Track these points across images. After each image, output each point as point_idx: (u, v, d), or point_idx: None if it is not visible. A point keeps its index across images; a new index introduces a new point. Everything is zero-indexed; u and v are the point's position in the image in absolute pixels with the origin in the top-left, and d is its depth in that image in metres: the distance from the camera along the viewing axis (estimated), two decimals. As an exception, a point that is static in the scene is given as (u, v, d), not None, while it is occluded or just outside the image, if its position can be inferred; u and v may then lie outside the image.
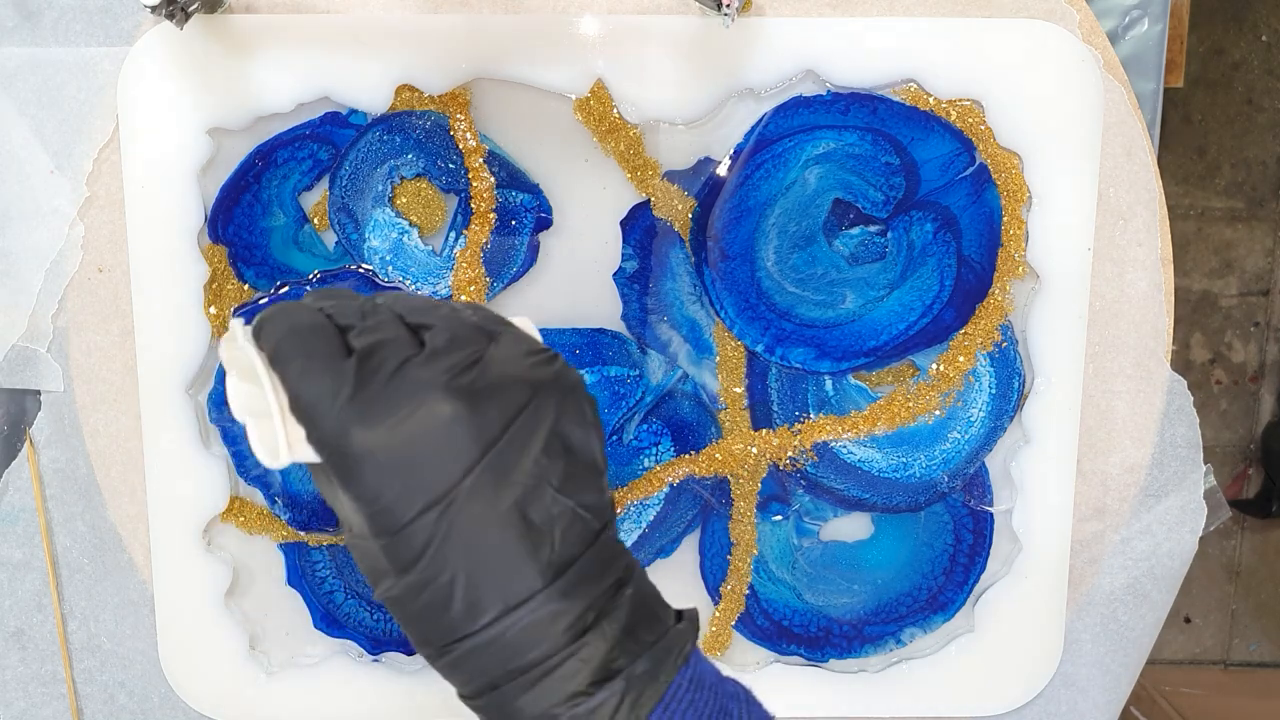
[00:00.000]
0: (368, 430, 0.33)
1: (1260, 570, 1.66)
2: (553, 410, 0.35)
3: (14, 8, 0.60)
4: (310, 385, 0.34)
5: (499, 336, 0.36)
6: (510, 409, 0.34)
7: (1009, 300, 0.62)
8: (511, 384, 0.34)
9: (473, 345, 0.35)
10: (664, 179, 0.61)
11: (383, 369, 0.34)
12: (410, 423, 0.33)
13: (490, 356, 0.35)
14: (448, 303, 0.37)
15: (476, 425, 0.33)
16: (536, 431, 0.34)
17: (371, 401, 0.33)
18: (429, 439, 0.33)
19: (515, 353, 0.35)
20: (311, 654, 0.65)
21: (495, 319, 0.37)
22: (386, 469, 0.33)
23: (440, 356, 0.34)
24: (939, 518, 0.64)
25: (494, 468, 0.33)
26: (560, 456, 0.35)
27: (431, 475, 0.33)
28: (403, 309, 0.37)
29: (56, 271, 0.61)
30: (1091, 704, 0.67)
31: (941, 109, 0.60)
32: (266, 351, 0.35)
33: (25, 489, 0.63)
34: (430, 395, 0.33)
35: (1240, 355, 1.62)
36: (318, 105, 0.60)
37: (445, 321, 0.36)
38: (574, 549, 0.34)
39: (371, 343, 0.34)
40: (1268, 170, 1.59)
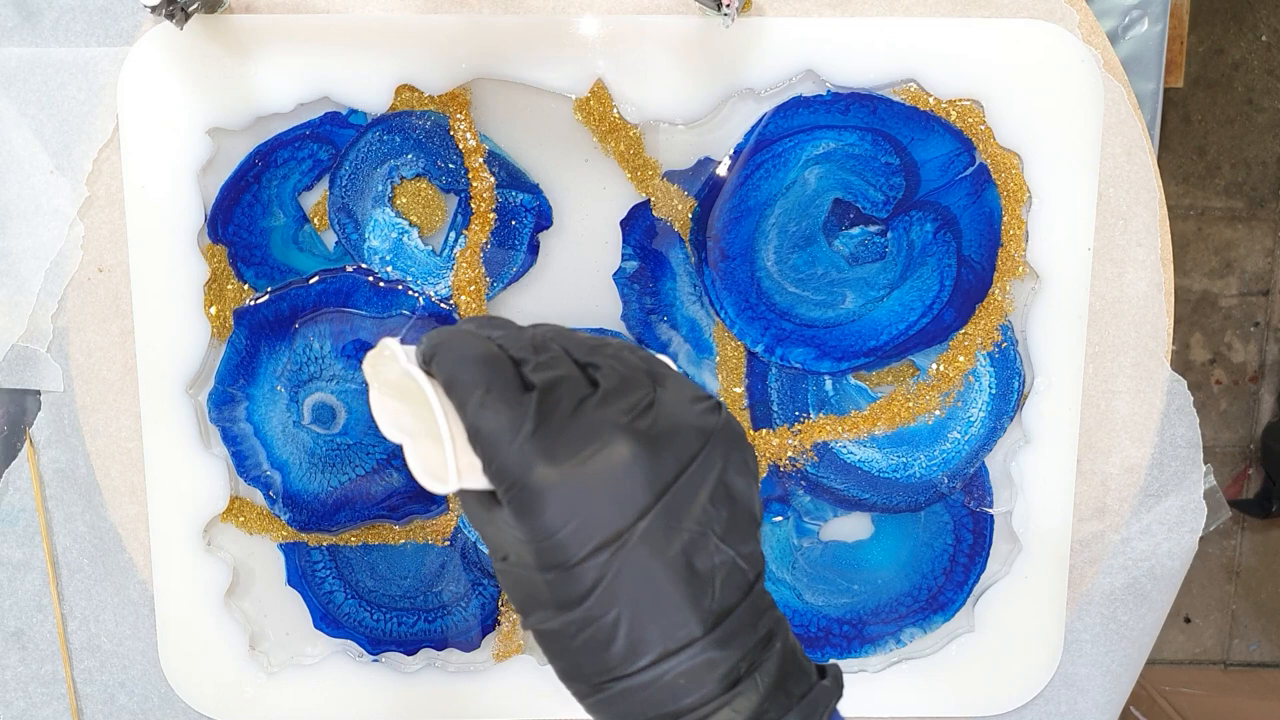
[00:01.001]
0: (550, 467, 0.34)
1: (1260, 570, 1.66)
2: (720, 459, 0.36)
3: (14, 8, 0.60)
4: (491, 417, 0.34)
5: (664, 380, 0.37)
6: (684, 456, 0.35)
7: (1009, 300, 0.62)
8: (685, 431, 0.35)
9: (643, 388, 0.36)
10: (664, 179, 0.61)
11: (561, 406, 0.35)
12: (592, 462, 0.34)
13: (661, 400, 0.36)
14: (611, 341, 0.38)
15: (653, 469, 0.34)
16: (706, 479, 0.35)
17: (554, 438, 0.34)
18: (608, 479, 0.34)
19: (684, 398, 0.36)
20: (311, 654, 0.65)
21: (654, 360, 0.38)
22: (566, 506, 0.34)
23: (616, 397, 0.35)
24: (939, 518, 0.64)
25: (666, 513, 0.34)
26: (724, 505, 0.36)
27: (607, 515, 0.34)
28: (569, 345, 0.37)
29: (56, 271, 0.61)
30: (1091, 704, 0.67)
31: (941, 109, 0.60)
32: (440, 379, 0.36)
33: (25, 489, 0.63)
34: (611, 436, 0.34)
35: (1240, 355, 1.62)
36: (318, 105, 0.60)
37: (613, 362, 0.36)
38: (732, 598, 0.35)
39: (551, 379, 0.35)
40: (1268, 170, 1.59)
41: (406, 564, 0.64)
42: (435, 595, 0.64)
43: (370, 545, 0.64)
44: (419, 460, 0.36)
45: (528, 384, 0.35)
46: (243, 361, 0.61)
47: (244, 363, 0.61)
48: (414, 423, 0.37)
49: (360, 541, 0.64)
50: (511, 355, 0.36)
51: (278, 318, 0.61)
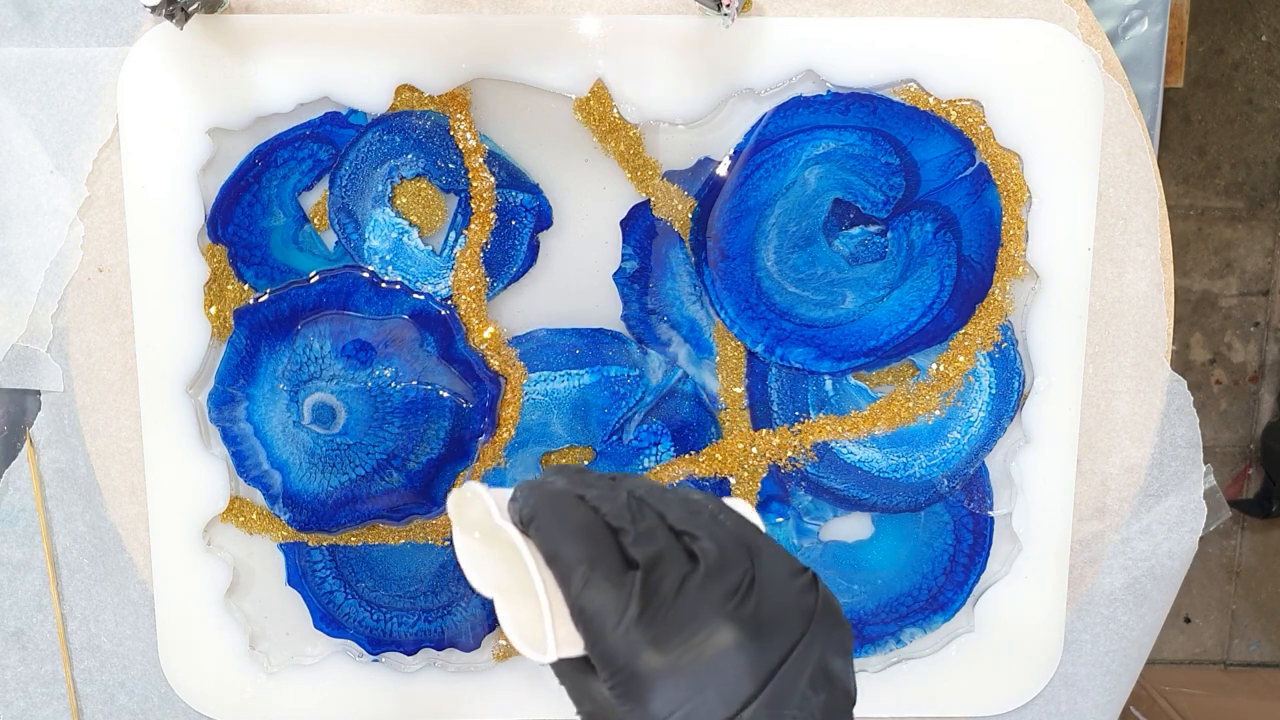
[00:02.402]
0: (657, 654, 0.34)
1: (1260, 570, 1.66)
2: (820, 642, 0.36)
3: (14, 8, 0.60)
4: (597, 597, 0.35)
5: (759, 552, 0.37)
6: (788, 642, 0.35)
7: (1009, 300, 0.62)
8: (787, 614, 0.36)
9: (743, 564, 0.36)
10: (664, 179, 0.61)
11: (665, 586, 0.35)
12: (700, 650, 0.34)
13: (761, 580, 0.36)
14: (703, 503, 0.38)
15: (758, 657, 0.34)
16: (807, 664, 0.35)
17: (659, 624, 0.34)
18: (714, 668, 0.34)
19: (782, 574, 0.37)
20: (311, 654, 0.65)
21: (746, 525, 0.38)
22: (673, 694, 0.34)
23: (718, 576, 0.35)
24: (939, 518, 0.64)
25: (770, 701, 0.34)
26: (824, 689, 0.36)
27: (715, 704, 0.34)
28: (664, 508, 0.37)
29: (56, 271, 0.61)
30: (1091, 704, 0.67)
31: (941, 109, 0.60)
32: (541, 549, 0.36)
33: (25, 489, 0.63)
34: (717, 623, 0.34)
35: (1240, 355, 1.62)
36: (318, 105, 0.60)
37: (708, 531, 0.36)
38: None
39: (653, 555, 0.35)
40: (1268, 170, 1.59)
41: (406, 564, 0.64)
42: (435, 595, 0.64)
43: (370, 545, 0.64)
44: (513, 621, 0.36)
45: (628, 558, 0.35)
46: (243, 361, 0.61)
47: (244, 363, 0.61)
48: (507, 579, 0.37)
49: (360, 541, 0.64)
50: (609, 523, 0.36)
51: (278, 318, 0.61)
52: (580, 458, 0.63)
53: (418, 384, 0.62)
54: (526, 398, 0.62)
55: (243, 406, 0.62)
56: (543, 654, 0.35)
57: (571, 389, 0.62)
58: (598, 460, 0.63)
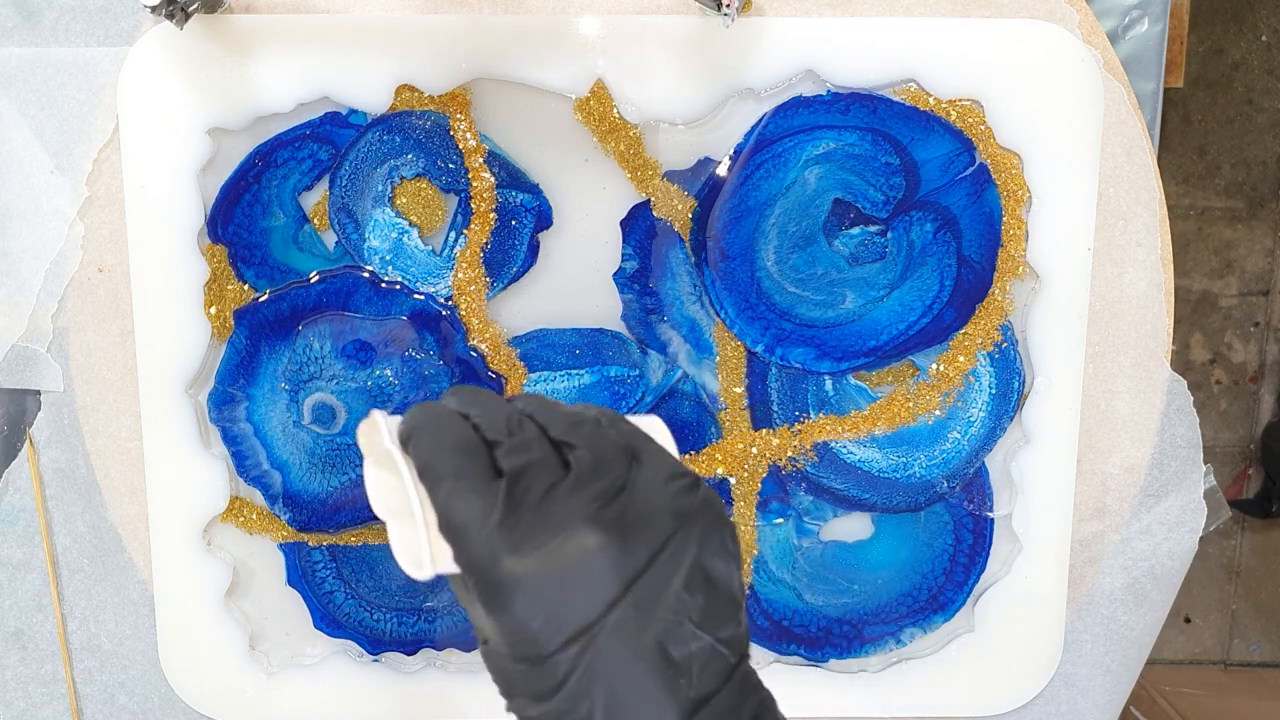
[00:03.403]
0: (517, 559, 0.34)
1: (1260, 570, 1.66)
2: (695, 543, 0.35)
3: (14, 8, 0.60)
4: (460, 507, 0.34)
5: (641, 457, 0.36)
6: (655, 542, 0.34)
7: (1009, 300, 0.62)
8: (657, 515, 0.35)
9: (618, 469, 0.35)
10: (664, 179, 0.61)
11: (530, 494, 0.34)
12: (560, 554, 0.33)
13: (635, 482, 0.35)
14: (590, 416, 0.38)
15: (622, 559, 0.34)
16: (680, 565, 0.35)
17: (521, 529, 0.34)
18: (576, 571, 0.33)
19: (659, 478, 0.36)
20: (311, 654, 0.65)
21: (636, 434, 0.38)
22: (535, 599, 0.33)
23: (587, 483, 0.35)
24: (939, 518, 0.64)
25: (637, 603, 0.34)
26: (701, 590, 0.35)
27: (577, 608, 0.33)
28: (546, 421, 0.37)
29: (56, 271, 0.61)
30: (1091, 704, 0.67)
31: (941, 109, 0.60)
32: (416, 464, 0.36)
33: (25, 489, 0.63)
34: (578, 527, 0.34)
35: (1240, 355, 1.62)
36: (318, 105, 0.60)
37: (589, 441, 0.36)
38: (711, 684, 0.34)
39: (520, 465, 0.35)
40: (1268, 170, 1.59)
41: (406, 564, 0.64)
42: (436, 595, 0.64)
43: (370, 545, 0.64)
44: (398, 541, 0.36)
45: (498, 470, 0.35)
46: (243, 361, 0.61)
47: (244, 363, 0.61)
48: (397, 501, 0.36)
49: (360, 541, 0.64)
50: (486, 437, 0.36)
51: (278, 318, 0.61)
52: (580, 458, 0.63)
53: (417, 384, 0.62)
54: (526, 398, 0.62)
55: (243, 406, 0.62)
56: (419, 569, 0.35)
57: (571, 389, 0.62)
58: (598, 460, 0.63)
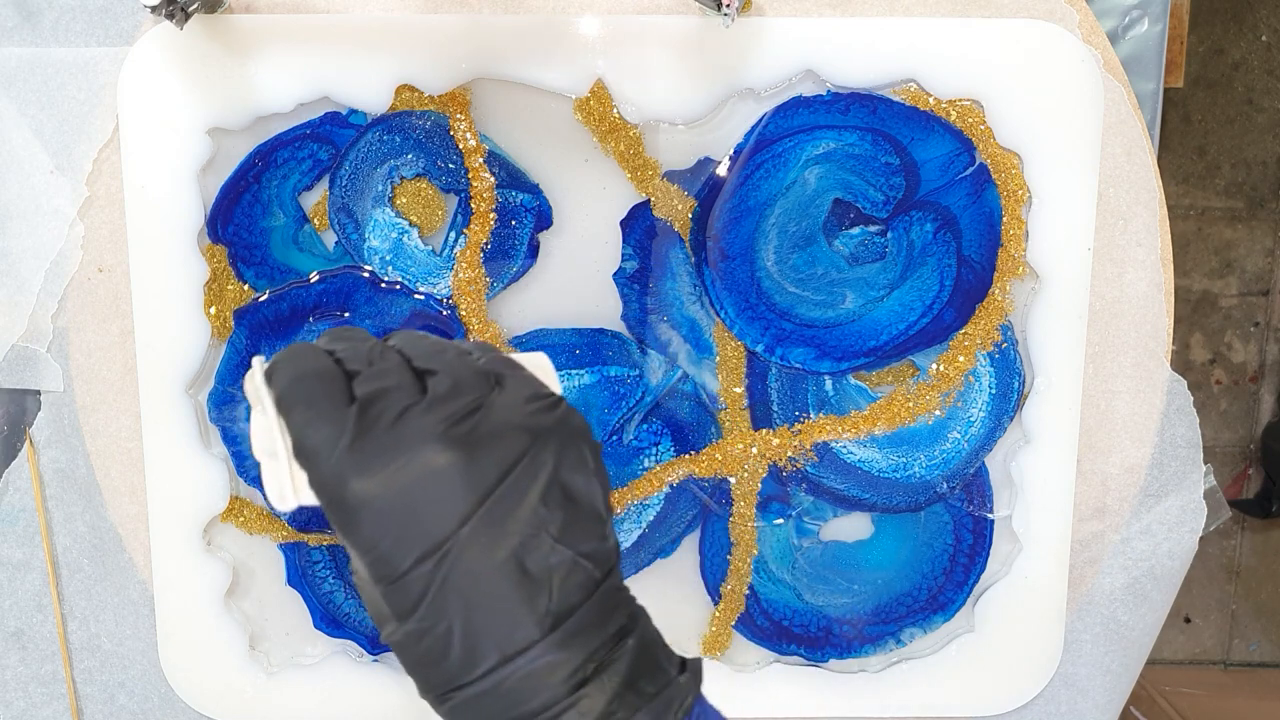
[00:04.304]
0: (364, 479, 0.33)
1: (1260, 570, 1.66)
2: (552, 458, 0.35)
3: (14, 8, 0.60)
4: (311, 432, 0.34)
5: (504, 381, 0.36)
6: (507, 458, 0.34)
7: (1009, 300, 0.62)
8: (510, 432, 0.34)
9: (475, 392, 0.35)
10: (664, 179, 0.61)
11: (383, 417, 0.34)
12: (406, 472, 0.33)
13: (491, 403, 0.35)
14: (458, 345, 0.37)
15: (472, 475, 0.33)
16: (535, 480, 0.34)
17: (369, 451, 0.34)
18: (424, 489, 0.33)
19: (517, 399, 0.35)
20: (311, 654, 0.65)
21: (505, 362, 0.37)
22: (383, 518, 0.33)
23: (440, 404, 0.34)
24: (939, 518, 0.64)
25: (490, 517, 0.33)
26: (559, 505, 0.35)
27: (427, 525, 0.33)
28: (412, 353, 0.37)
29: (56, 271, 0.61)
30: (1091, 704, 0.67)
31: (941, 109, 0.60)
32: (274, 395, 0.36)
33: (25, 489, 0.63)
34: (426, 445, 0.33)
35: (1240, 355, 1.62)
36: (318, 105, 0.60)
37: (450, 367, 0.36)
38: (573, 598, 0.34)
39: (373, 390, 0.35)
40: (1268, 170, 1.59)
41: (406, 564, 0.64)
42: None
43: (370, 545, 0.64)
44: (268, 477, 0.36)
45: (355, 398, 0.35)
46: (243, 361, 0.61)
47: (244, 363, 0.61)
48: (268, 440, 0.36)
49: (360, 541, 0.64)
50: (347, 368, 0.36)
51: (278, 318, 0.61)
52: (580, 458, 0.63)
53: (418, 384, 0.62)
54: (526, 398, 0.62)
55: (243, 406, 0.62)
56: (282, 501, 0.35)
57: (571, 389, 0.62)
58: (598, 460, 0.63)
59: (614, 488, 0.64)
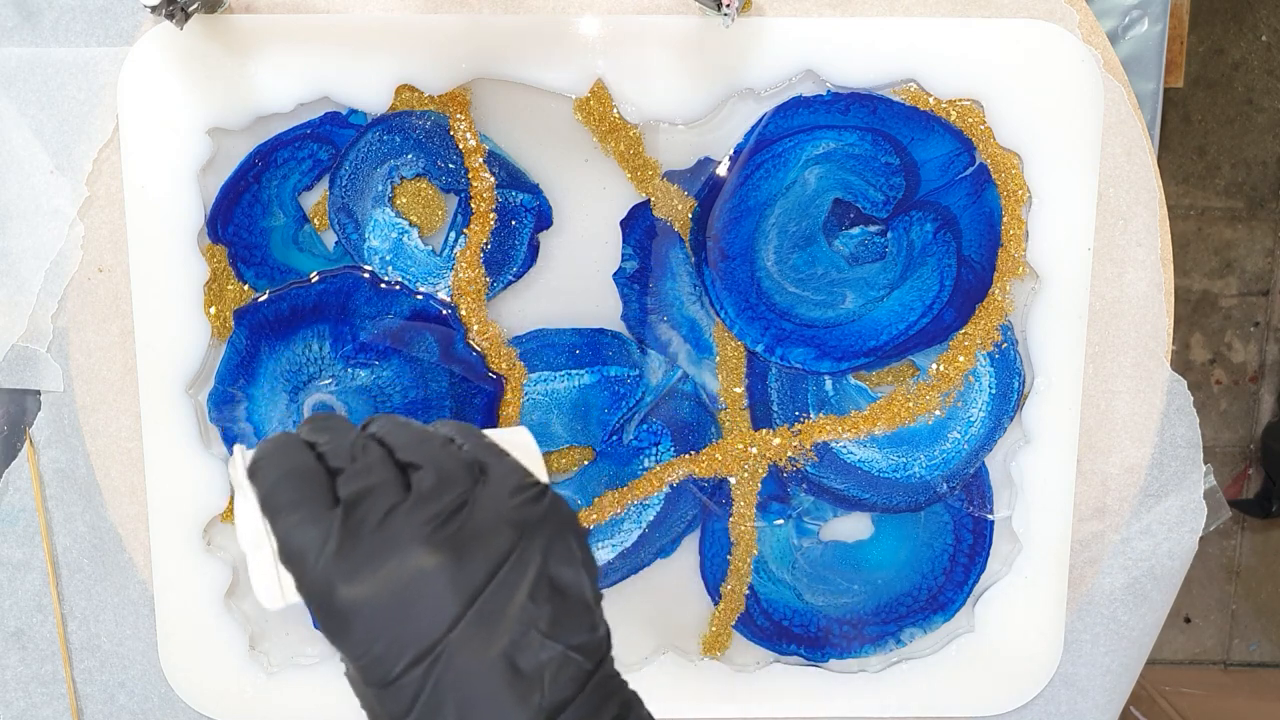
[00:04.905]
0: (352, 585, 0.33)
1: (1260, 570, 1.66)
2: (539, 553, 0.35)
3: (14, 8, 0.60)
4: (296, 537, 0.34)
5: (489, 471, 0.36)
6: (495, 556, 0.34)
7: (1009, 300, 0.62)
8: (496, 529, 0.34)
9: (459, 487, 0.35)
10: (664, 179, 0.61)
11: (369, 519, 0.34)
12: (394, 577, 0.33)
13: (477, 499, 0.35)
14: (441, 434, 0.37)
15: (460, 576, 0.33)
16: (524, 576, 0.34)
17: (356, 556, 0.34)
18: (413, 592, 0.33)
19: (502, 492, 0.35)
20: (311, 654, 0.65)
21: (489, 448, 0.37)
22: (373, 623, 0.33)
23: (425, 504, 0.34)
24: (939, 518, 0.64)
25: (480, 619, 0.33)
26: (548, 600, 0.35)
27: (418, 628, 0.33)
28: (394, 443, 0.36)
29: (56, 271, 0.61)
30: (1091, 704, 0.67)
31: (941, 109, 0.60)
32: (258, 495, 0.36)
33: (25, 489, 0.63)
34: (413, 547, 0.33)
35: (1240, 355, 1.62)
36: (318, 105, 0.60)
37: (433, 460, 0.36)
38: (566, 692, 0.34)
39: (356, 490, 0.34)
40: (1268, 170, 1.59)
41: (406, 564, 0.64)
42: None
43: (370, 545, 0.64)
44: (254, 572, 0.36)
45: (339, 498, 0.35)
46: (243, 361, 0.61)
47: (244, 363, 0.61)
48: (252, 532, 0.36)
49: (360, 541, 0.64)
50: (330, 465, 0.36)
51: (278, 318, 0.61)
52: (580, 458, 0.63)
53: (417, 384, 0.62)
54: (526, 398, 0.62)
55: (243, 406, 0.62)
56: (269, 600, 0.35)
57: (571, 389, 0.62)
58: (598, 460, 0.63)
59: (614, 488, 0.64)
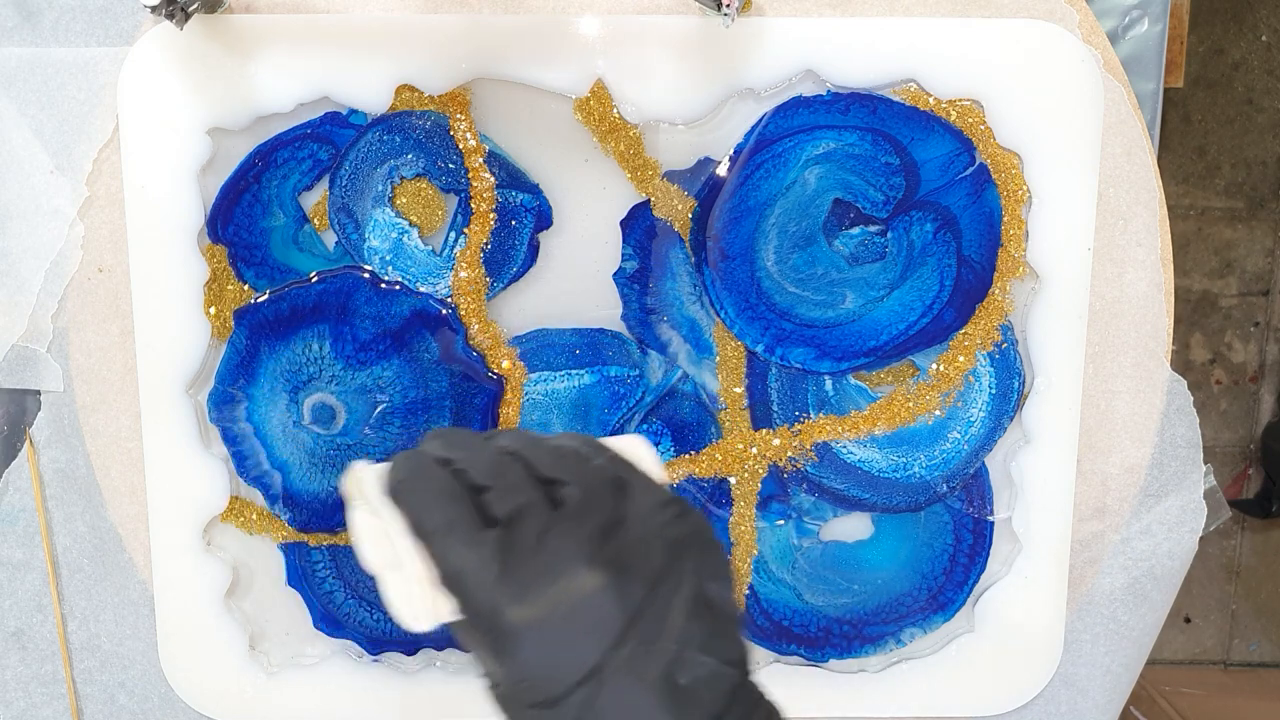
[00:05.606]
0: (520, 607, 0.34)
1: (1260, 570, 1.66)
2: (692, 570, 0.36)
3: (14, 8, 0.60)
4: (456, 562, 0.35)
5: (629, 488, 0.37)
6: (652, 575, 0.35)
7: (1009, 300, 0.62)
8: (651, 547, 0.35)
9: (608, 504, 0.36)
10: (664, 179, 0.61)
11: (525, 539, 0.35)
12: (560, 597, 0.34)
13: (627, 516, 0.36)
14: (574, 449, 0.38)
15: (623, 596, 0.34)
16: (679, 594, 0.35)
17: (521, 577, 0.34)
18: (580, 614, 0.34)
19: (649, 507, 0.36)
20: (311, 654, 0.65)
21: (621, 463, 0.38)
22: (540, 644, 0.34)
23: (579, 522, 0.35)
24: (939, 518, 0.64)
25: (642, 637, 0.34)
26: (701, 616, 0.35)
27: (583, 649, 0.34)
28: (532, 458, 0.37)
29: (56, 271, 0.61)
30: (1091, 704, 0.67)
31: (941, 109, 0.60)
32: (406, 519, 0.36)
33: (25, 489, 0.63)
34: (576, 567, 0.34)
35: (1240, 355, 1.62)
36: (318, 105, 0.60)
37: (577, 477, 0.36)
38: (719, 706, 0.35)
39: (512, 510, 0.35)
40: (1268, 170, 1.59)
41: (406, 564, 0.64)
42: (435, 595, 0.64)
43: (370, 545, 0.64)
44: (394, 594, 0.36)
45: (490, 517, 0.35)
46: (243, 361, 0.61)
47: (244, 363, 0.61)
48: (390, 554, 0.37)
49: (360, 541, 0.64)
50: (473, 481, 0.36)
51: (278, 318, 0.61)
52: (580, 458, 0.63)
53: (417, 384, 0.62)
54: (526, 398, 0.62)
55: (243, 406, 0.62)
56: (418, 623, 0.36)
57: (571, 389, 0.62)
58: (598, 460, 0.63)
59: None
